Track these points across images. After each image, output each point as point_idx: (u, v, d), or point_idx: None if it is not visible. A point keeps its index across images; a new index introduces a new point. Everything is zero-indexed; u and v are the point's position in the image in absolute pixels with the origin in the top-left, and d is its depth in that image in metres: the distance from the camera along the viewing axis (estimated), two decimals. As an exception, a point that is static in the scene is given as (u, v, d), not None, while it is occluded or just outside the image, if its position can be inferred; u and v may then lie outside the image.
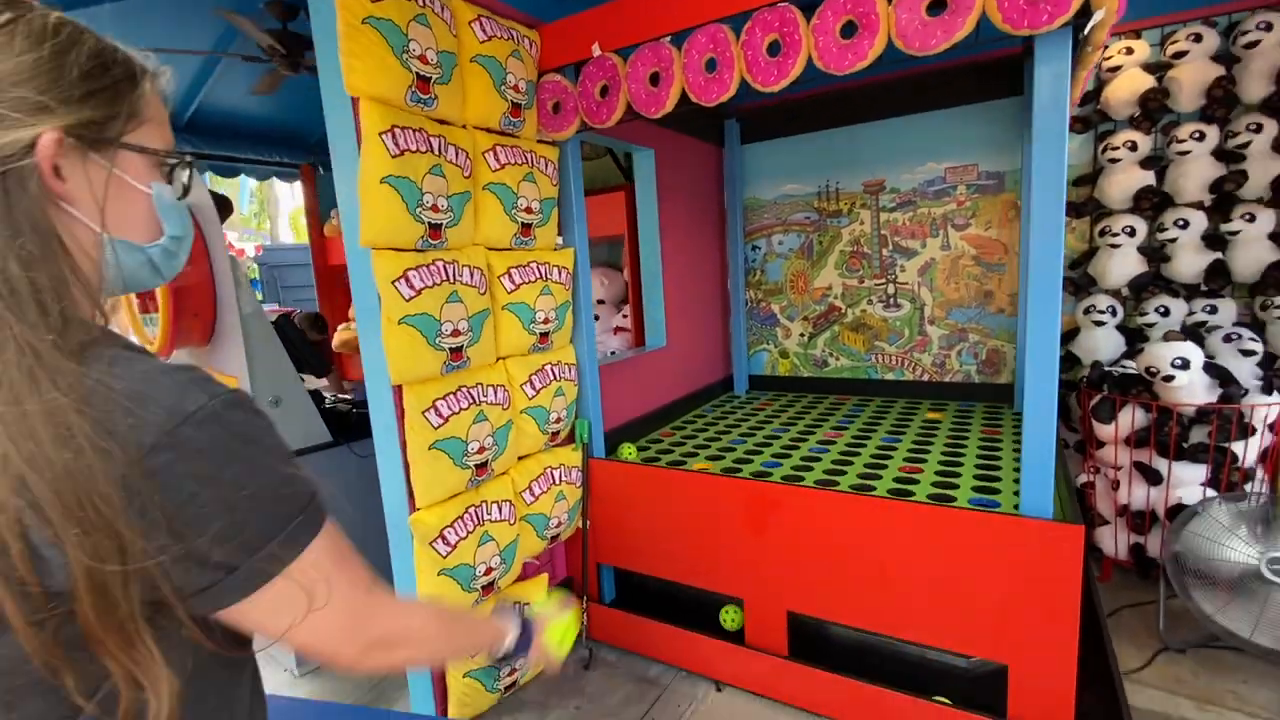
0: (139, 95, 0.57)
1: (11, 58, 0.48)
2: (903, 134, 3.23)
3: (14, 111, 0.48)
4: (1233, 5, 2.59)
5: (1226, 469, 2.34)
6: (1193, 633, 2.26)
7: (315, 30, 1.74)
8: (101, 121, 0.54)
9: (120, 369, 0.49)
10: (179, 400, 0.49)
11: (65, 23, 0.52)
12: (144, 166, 0.58)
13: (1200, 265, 2.70)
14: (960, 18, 1.52)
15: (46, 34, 0.50)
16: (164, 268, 0.62)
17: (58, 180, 0.51)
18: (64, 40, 0.51)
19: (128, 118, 0.56)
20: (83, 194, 0.53)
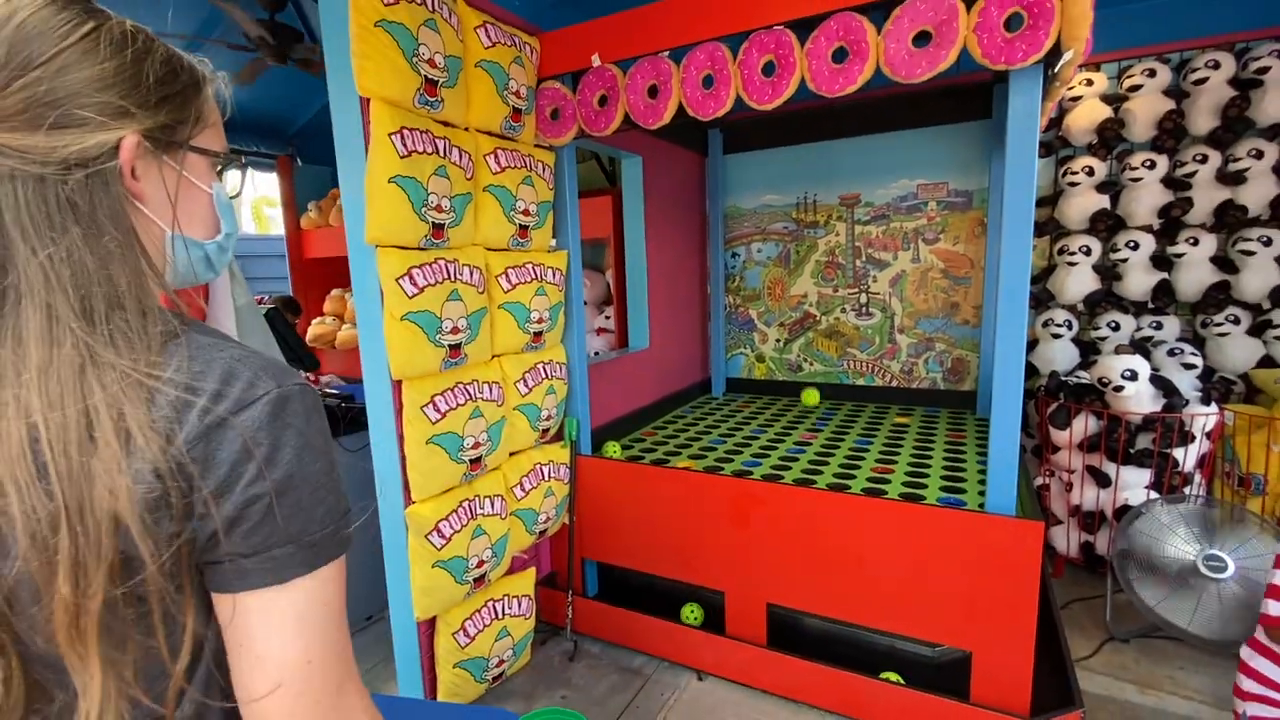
0: (203, 100, 0.60)
1: (96, 64, 0.50)
2: (878, 151, 3.38)
3: (100, 115, 0.50)
4: (1184, 44, 2.80)
5: (1169, 473, 2.53)
6: (1136, 624, 2.45)
7: (325, 31, 1.76)
8: (174, 125, 0.57)
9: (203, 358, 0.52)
10: (250, 386, 0.51)
11: (140, 30, 0.55)
12: (205, 167, 0.61)
13: (1148, 284, 2.91)
14: (944, 50, 1.65)
15: (126, 41, 0.53)
16: (217, 263, 0.65)
17: (134, 181, 0.54)
18: (140, 47, 0.54)
19: (194, 122, 0.59)
20: (155, 193, 0.56)
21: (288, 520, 0.52)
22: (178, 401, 0.49)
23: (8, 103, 0.48)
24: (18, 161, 0.48)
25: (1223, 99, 2.70)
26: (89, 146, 0.50)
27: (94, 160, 0.50)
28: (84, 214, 0.50)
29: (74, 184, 0.49)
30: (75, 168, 0.49)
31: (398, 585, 1.96)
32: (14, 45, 0.48)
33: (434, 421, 1.91)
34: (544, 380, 2.37)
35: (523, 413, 2.29)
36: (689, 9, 1.99)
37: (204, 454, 0.49)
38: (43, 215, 0.48)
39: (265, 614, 0.52)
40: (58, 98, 0.49)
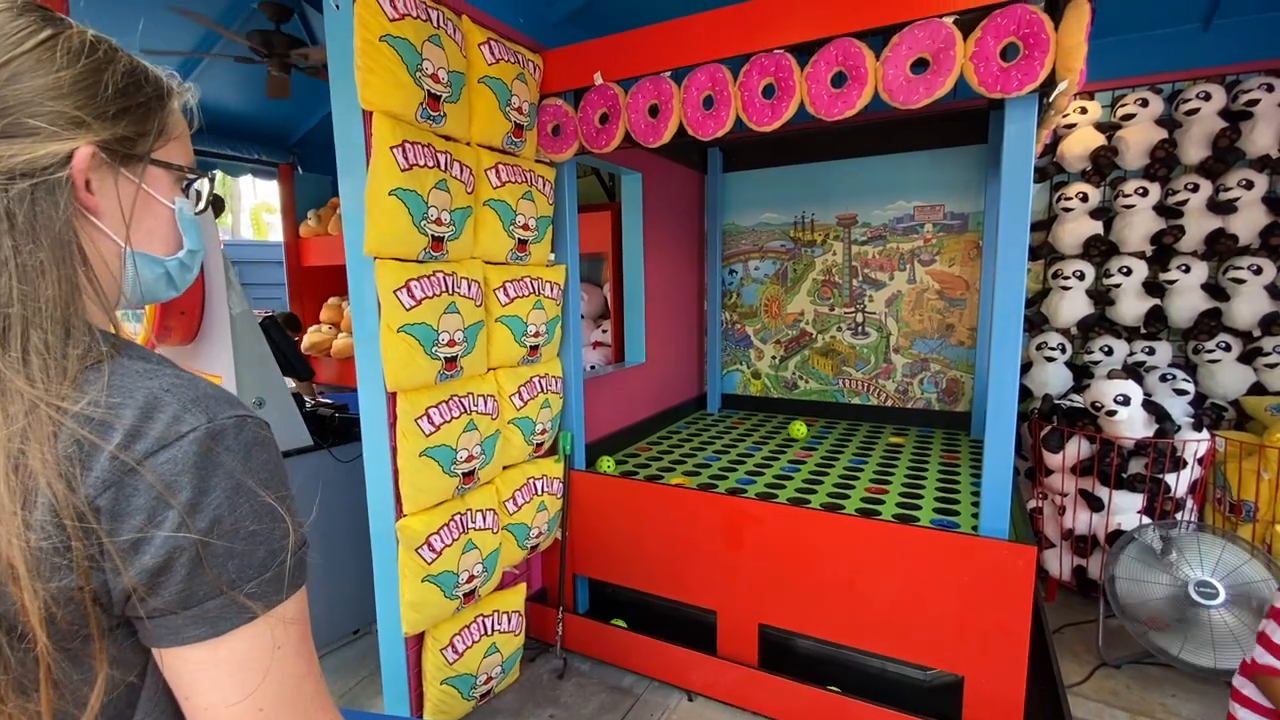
0: (168, 113, 0.58)
1: (51, 73, 0.49)
2: (876, 172, 3.42)
3: (51, 125, 0.48)
4: (1177, 75, 2.86)
5: (1161, 498, 2.54)
6: (1128, 650, 2.44)
7: (330, 44, 1.78)
8: (133, 138, 0.55)
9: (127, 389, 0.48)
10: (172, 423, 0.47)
11: (101, 40, 0.53)
12: (168, 182, 0.59)
13: (1141, 310, 2.94)
14: (941, 78, 1.67)
15: (84, 51, 0.51)
16: (179, 280, 0.63)
17: (88, 194, 0.52)
18: (101, 57, 0.52)
19: (157, 135, 0.57)
20: (110, 207, 0.54)
21: (219, 570, 0.48)
22: (85, 440, 0.45)
23: None
24: None
25: (1214, 129, 2.74)
26: (39, 156, 0.48)
27: (42, 171, 0.48)
28: (19, 226, 0.47)
29: (14, 194, 0.47)
30: (20, 178, 0.47)
31: (386, 599, 1.94)
32: None
33: (428, 434, 1.90)
34: (539, 394, 2.36)
35: (517, 426, 2.28)
36: (691, 31, 2.01)
37: (114, 501, 0.45)
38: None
39: (203, 666, 0.48)
40: (7, 105, 0.47)
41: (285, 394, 2.46)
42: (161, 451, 0.46)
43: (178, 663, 0.49)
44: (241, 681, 0.49)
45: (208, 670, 0.48)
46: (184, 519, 0.46)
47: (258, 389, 2.33)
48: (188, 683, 0.49)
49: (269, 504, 0.51)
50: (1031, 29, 1.56)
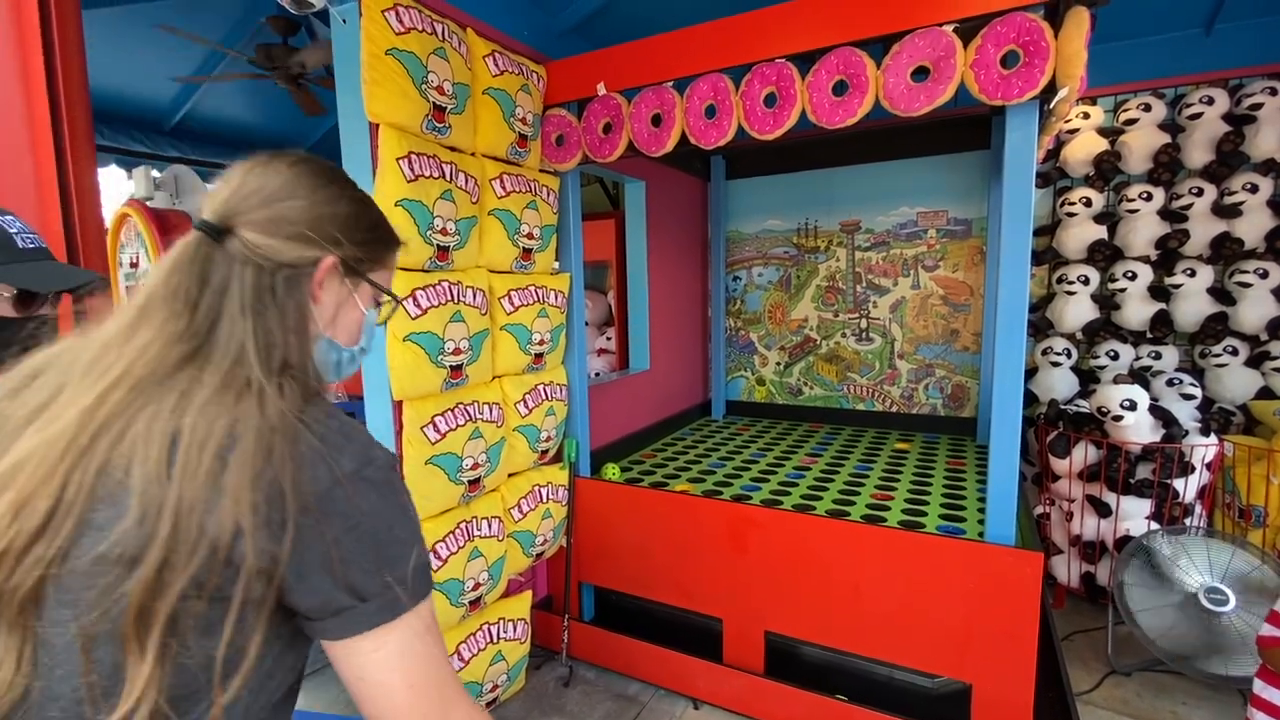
0: (390, 253, 0.79)
1: (330, 209, 0.70)
2: (879, 179, 3.43)
3: (319, 237, 0.68)
4: (1179, 79, 2.86)
5: (1169, 504, 2.52)
6: (1138, 657, 2.42)
7: (337, 57, 1.81)
8: (361, 260, 0.73)
9: (332, 417, 0.63)
10: (367, 449, 0.62)
11: (367, 196, 0.76)
12: (368, 294, 0.76)
13: (1146, 314, 2.93)
14: (942, 85, 1.68)
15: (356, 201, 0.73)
16: (346, 369, 0.78)
17: (318, 288, 0.70)
18: (362, 203, 0.74)
19: (375, 262, 0.76)
20: (327, 301, 0.71)
21: (392, 569, 0.60)
22: (311, 452, 0.57)
23: (262, 215, 0.66)
24: (251, 253, 0.65)
25: (1217, 134, 2.74)
26: (303, 257, 0.67)
27: (300, 267, 0.67)
28: (279, 299, 0.65)
29: (280, 277, 0.66)
30: (284, 268, 0.66)
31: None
32: (288, 184, 0.67)
33: (433, 442, 1.91)
34: (544, 401, 2.38)
35: (522, 434, 2.29)
36: (693, 41, 2.03)
37: (324, 504, 0.57)
38: (254, 292, 0.64)
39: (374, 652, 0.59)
40: (294, 220, 0.67)
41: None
42: (362, 470, 0.60)
43: (351, 649, 0.59)
44: (401, 663, 0.60)
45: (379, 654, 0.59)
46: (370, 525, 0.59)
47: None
48: (359, 665, 0.60)
49: (416, 518, 0.65)
50: (1031, 37, 1.57)
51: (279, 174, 0.68)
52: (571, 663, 2.51)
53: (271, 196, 0.66)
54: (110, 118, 3.66)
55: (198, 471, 0.53)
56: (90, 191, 1.36)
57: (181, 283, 0.62)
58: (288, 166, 0.69)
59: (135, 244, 2.17)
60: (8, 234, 0.94)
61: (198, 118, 4.02)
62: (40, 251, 0.98)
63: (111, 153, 3.70)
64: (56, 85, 1.30)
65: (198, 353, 0.61)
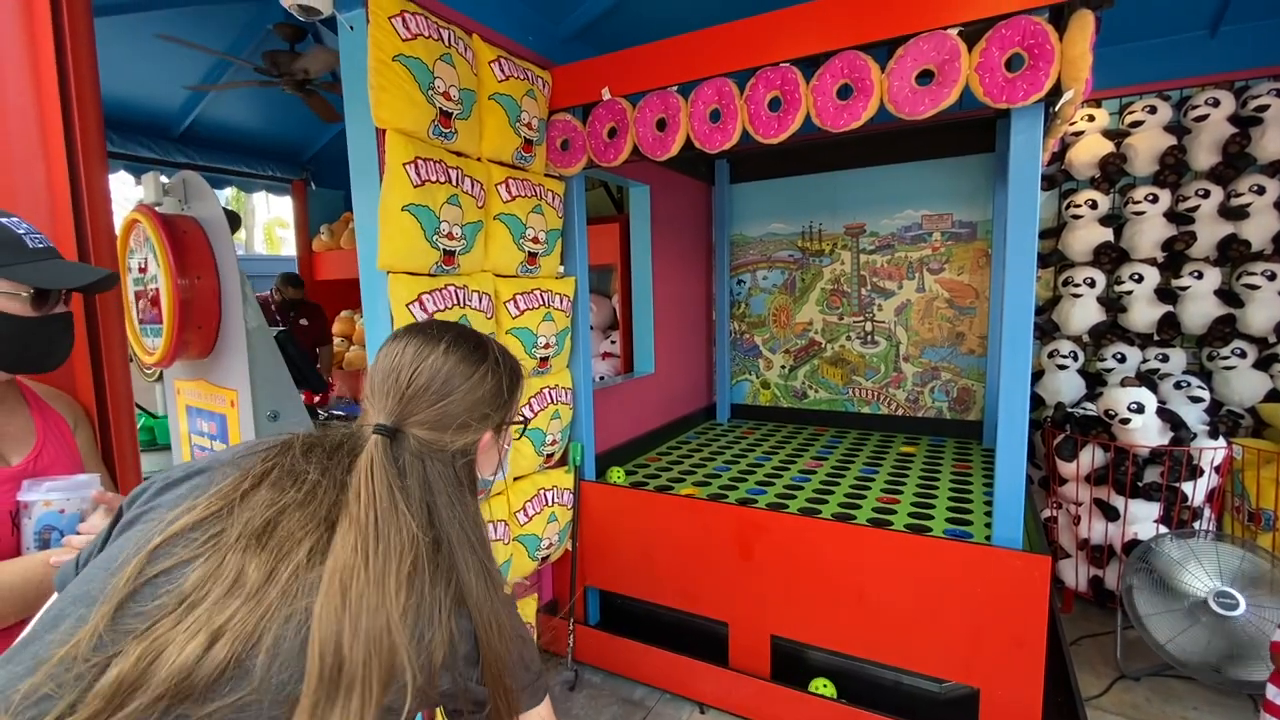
0: (521, 389, 0.86)
1: (481, 390, 0.78)
2: (883, 182, 3.43)
3: (477, 421, 0.77)
4: (1184, 81, 2.85)
5: (1178, 507, 2.51)
6: (1147, 661, 2.40)
7: (344, 63, 1.82)
8: (508, 414, 0.83)
9: None
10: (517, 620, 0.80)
11: (504, 353, 0.83)
12: (511, 430, 0.87)
13: (1153, 316, 2.92)
14: (946, 89, 1.68)
15: (497, 368, 0.80)
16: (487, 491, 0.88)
17: (481, 455, 0.81)
18: (500, 369, 0.81)
19: (514, 405, 0.85)
20: (487, 459, 0.83)
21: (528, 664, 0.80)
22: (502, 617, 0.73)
23: (430, 414, 0.74)
24: (427, 449, 0.74)
25: (1223, 135, 2.73)
26: (469, 442, 0.77)
27: (468, 449, 0.78)
28: (466, 481, 0.77)
29: (459, 464, 0.76)
30: (458, 454, 0.76)
31: None
32: (445, 381, 0.75)
33: (440, 446, 1.92)
34: (549, 405, 2.38)
35: (528, 437, 2.29)
36: (697, 46, 2.04)
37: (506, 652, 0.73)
38: (452, 484, 0.74)
39: None
40: (458, 412, 0.76)
41: (300, 407, 2.49)
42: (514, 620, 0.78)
43: None
44: None
45: None
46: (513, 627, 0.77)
47: (273, 402, 2.35)
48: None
49: None
50: (1036, 40, 1.57)
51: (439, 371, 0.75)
52: (577, 667, 2.51)
53: (435, 394, 0.75)
54: (120, 124, 3.70)
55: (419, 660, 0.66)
56: (101, 197, 1.37)
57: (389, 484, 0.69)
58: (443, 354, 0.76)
59: (144, 249, 2.18)
60: (17, 235, 0.95)
61: (205, 124, 4.06)
62: (49, 250, 0.99)
63: (121, 159, 3.74)
64: (69, 92, 1.32)
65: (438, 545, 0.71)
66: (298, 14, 1.71)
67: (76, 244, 1.33)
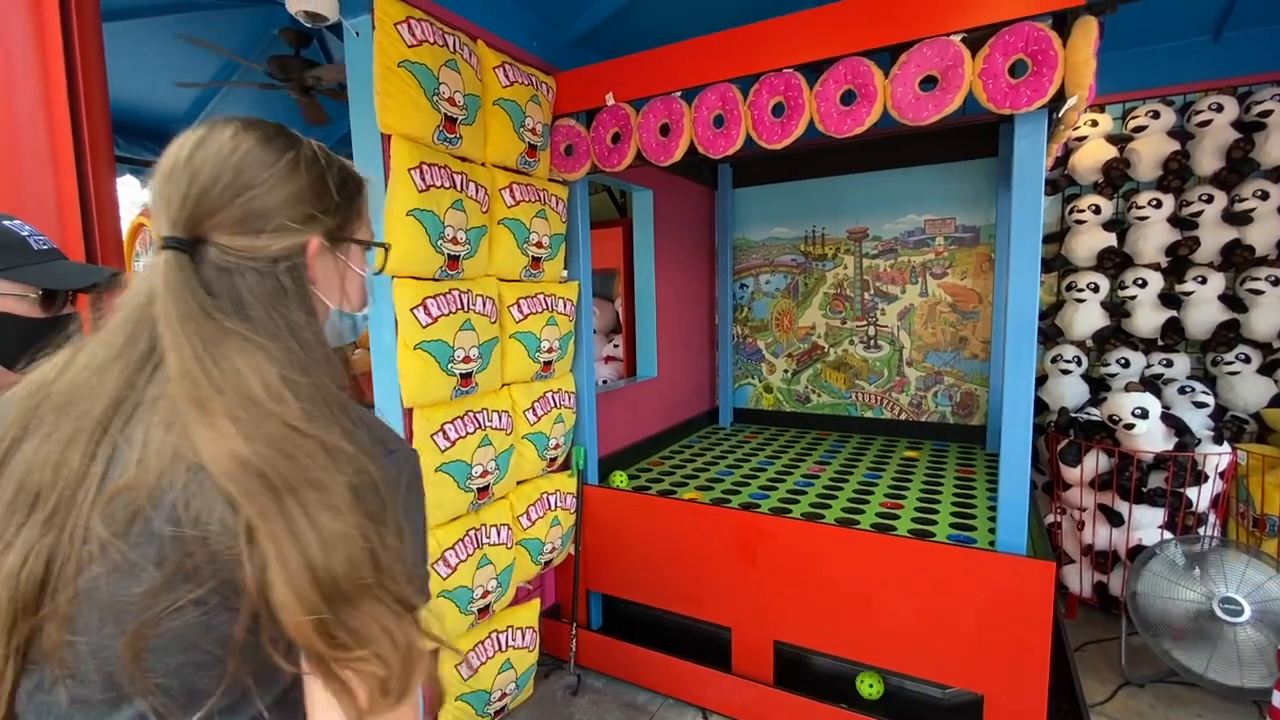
0: (363, 200, 0.74)
1: (295, 183, 0.64)
2: (886, 186, 3.43)
3: (294, 223, 0.63)
4: (1187, 86, 2.85)
5: (1182, 513, 2.50)
6: (1152, 668, 2.39)
7: (349, 69, 1.83)
8: (344, 225, 0.69)
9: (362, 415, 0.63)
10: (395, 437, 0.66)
11: (322, 149, 0.69)
12: (359, 253, 0.73)
13: (1157, 321, 2.91)
14: (950, 95, 1.69)
15: (315, 162, 0.66)
16: (360, 328, 0.77)
17: (313, 270, 0.66)
18: (323, 165, 0.67)
19: (356, 218, 0.72)
20: (325, 278, 0.69)
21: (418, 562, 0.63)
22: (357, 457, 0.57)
23: (231, 214, 0.60)
24: (238, 258, 0.61)
25: (1227, 141, 2.73)
26: (288, 246, 0.63)
27: (289, 257, 0.63)
28: (292, 295, 0.62)
29: (281, 273, 0.62)
30: (280, 261, 0.62)
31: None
32: (239, 170, 0.61)
33: (443, 450, 1.92)
34: (553, 409, 2.38)
35: (531, 441, 2.29)
36: (701, 51, 2.05)
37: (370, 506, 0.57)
38: (268, 295, 0.61)
39: None
40: (268, 209, 0.62)
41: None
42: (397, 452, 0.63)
43: None
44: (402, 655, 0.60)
45: None
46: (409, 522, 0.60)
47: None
48: None
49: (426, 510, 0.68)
50: (1039, 46, 1.58)
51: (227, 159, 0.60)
52: (579, 671, 2.50)
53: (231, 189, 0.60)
54: (126, 129, 3.72)
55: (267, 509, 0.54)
56: (109, 202, 1.38)
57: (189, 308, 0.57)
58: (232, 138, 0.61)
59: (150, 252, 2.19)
60: (21, 237, 0.96)
61: (210, 127, 4.08)
62: (54, 252, 1.00)
63: (127, 163, 3.75)
64: (78, 97, 1.33)
65: None
66: (304, 20, 1.72)
67: (84, 247, 1.34)
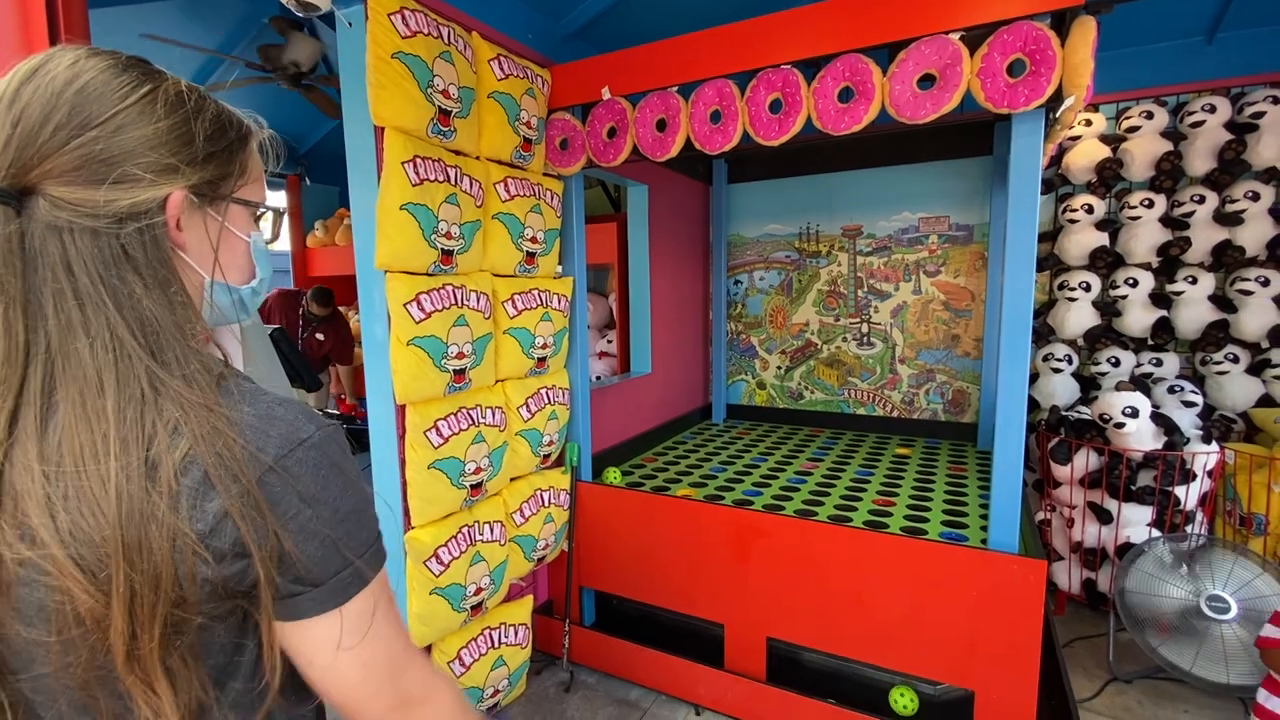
0: (248, 154, 0.63)
1: (151, 124, 0.53)
2: (881, 184, 3.43)
3: (148, 173, 0.53)
4: (1181, 87, 2.87)
5: (1170, 511, 2.52)
6: (1139, 664, 2.42)
7: (342, 61, 1.80)
8: (218, 180, 0.59)
9: (248, 401, 0.55)
10: (292, 429, 0.55)
11: (193, 90, 0.58)
12: (245, 217, 0.64)
13: (1148, 321, 2.94)
14: (948, 93, 1.68)
15: (180, 101, 0.56)
16: (250, 305, 0.68)
17: (178, 231, 0.56)
18: (192, 107, 0.56)
19: (238, 175, 0.62)
20: (198, 243, 0.59)
21: (343, 549, 0.57)
22: (232, 444, 0.51)
23: (65, 159, 0.50)
24: (72, 214, 0.50)
25: (1219, 142, 2.75)
26: (139, 201, 0.52)
27: (144, 214, 0.53)
28: (140, 263, 0.53)
29: (126, 236, 0.52)
30: (127, 220, 0.52)
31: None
32: (75, 106, 0.50)
33: (436, 446, 1.91)
34: (546, 405, 2.37)
35: (525, 438, 2.28)
36: (698, 46, 2.03)
37: (259, 496, 0.52)
38: (101, 264, 0.51)
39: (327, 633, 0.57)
40: (113, 155, 0.51)
41: (294, 405, 2.47)
42: (293, 453, 0.54)
43: (303, 633, 0.56)
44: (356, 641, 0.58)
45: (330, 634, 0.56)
46: (314, 510, 0.54)
47: (267, 400, 2.33)
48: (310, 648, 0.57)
49: (365, 491, 0.60)
50: (1038, 45, 1.57)
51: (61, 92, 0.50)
52: (572, 668, 2.50)
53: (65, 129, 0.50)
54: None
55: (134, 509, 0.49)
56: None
57: None
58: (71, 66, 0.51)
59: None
60: None
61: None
62: None
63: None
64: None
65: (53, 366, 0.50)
66: (295, 9, 1.69)
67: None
